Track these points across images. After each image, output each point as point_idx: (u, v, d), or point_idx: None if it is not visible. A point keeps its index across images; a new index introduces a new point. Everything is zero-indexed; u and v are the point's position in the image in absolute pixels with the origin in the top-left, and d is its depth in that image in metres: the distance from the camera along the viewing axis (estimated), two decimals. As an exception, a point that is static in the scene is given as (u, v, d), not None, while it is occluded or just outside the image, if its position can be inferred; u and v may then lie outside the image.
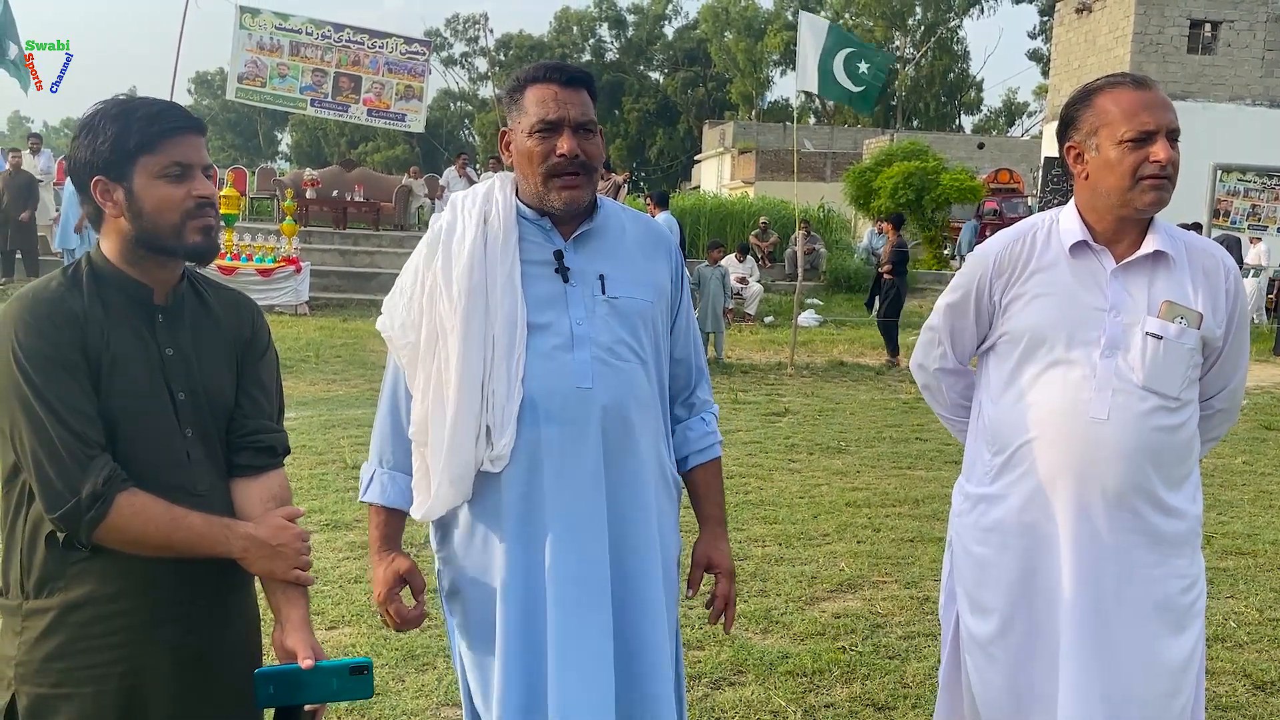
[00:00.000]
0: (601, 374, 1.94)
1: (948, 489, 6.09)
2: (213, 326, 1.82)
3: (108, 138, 1.67)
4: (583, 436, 1.92)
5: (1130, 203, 2.06)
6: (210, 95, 64.38)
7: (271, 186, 19.79)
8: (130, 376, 1.68)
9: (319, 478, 5.91)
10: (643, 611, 1.98)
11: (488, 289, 1.94)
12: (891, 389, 10.49)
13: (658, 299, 2.06)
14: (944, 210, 22.50)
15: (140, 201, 1.68)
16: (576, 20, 60.54)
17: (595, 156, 1.97)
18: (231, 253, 13.57)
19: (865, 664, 3.69)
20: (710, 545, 2.18)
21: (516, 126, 1.99)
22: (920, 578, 4.63)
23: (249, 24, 15.42)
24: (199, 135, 1.73)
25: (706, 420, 2.18)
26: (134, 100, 1.72)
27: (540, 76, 1.97)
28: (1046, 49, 43.72)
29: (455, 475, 1.92)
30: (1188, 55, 24.57)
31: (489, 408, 1.91)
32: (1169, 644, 2.10)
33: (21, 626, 1.67)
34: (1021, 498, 2.15)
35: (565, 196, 1.95)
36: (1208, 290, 2.12)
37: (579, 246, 2.01)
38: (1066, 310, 2.12)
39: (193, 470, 1.73)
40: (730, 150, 41.65)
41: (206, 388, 1.77)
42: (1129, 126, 2.03)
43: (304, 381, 9.30)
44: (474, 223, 1.99)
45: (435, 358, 1.95)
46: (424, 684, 3.43)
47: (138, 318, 1.72)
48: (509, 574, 1.94)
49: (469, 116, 63.59)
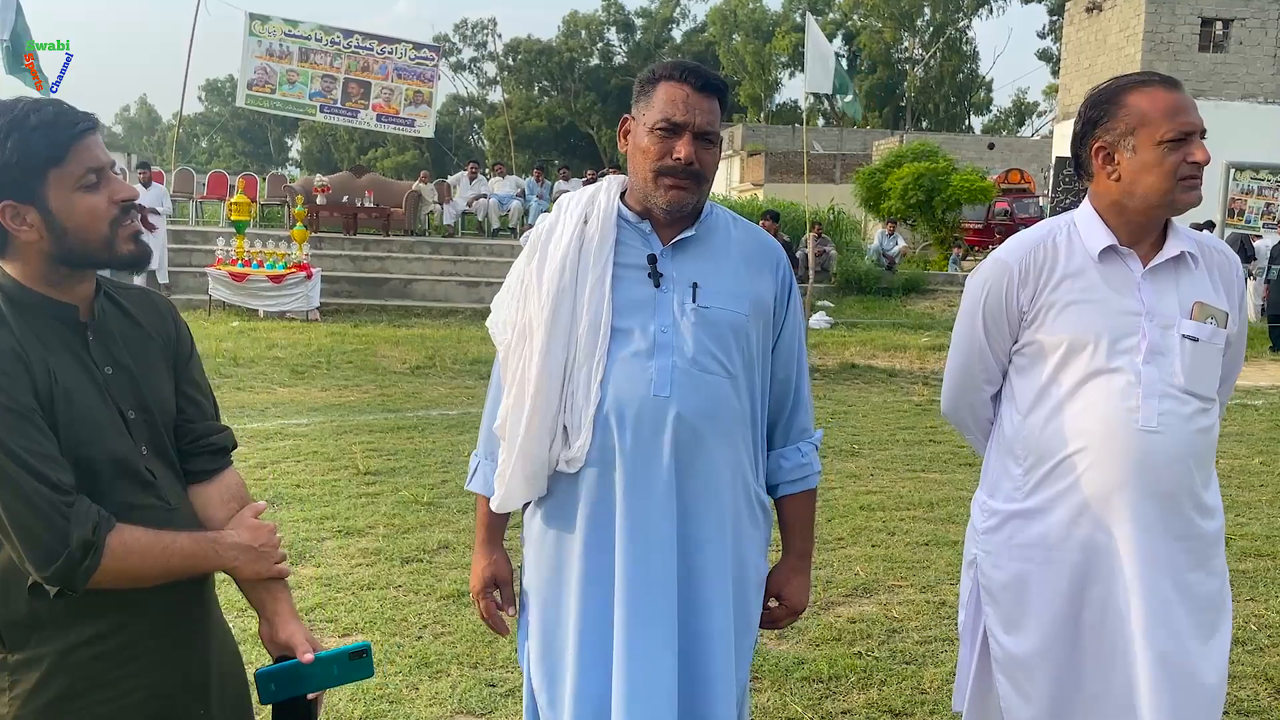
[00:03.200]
0: (681, 384, 1.90)
1: (962, 492, 6.11)
2: (140, 334, 1.71)
3: (13, 152, 1.49)
4: (655, 446, 1.89)
5: (1173, 203, 2.05)
6: (220, 102, 64.70)
7: (282, 193, 19.80)
8: (82, 405, 1.56)
9: (331, 484, 5.91)
10: (709, 634, 1.94)
11: (576, 290, 1.93)
12: (904, 391, 10.43)
13: (755, 313, 1.99)
14: (955, 211, 22.40)
15: (60, 219, 1.53)
16: (585, 24, 60.63)
17: (710, 166, 1.95)
18: (243, 259, 13.61)
19: (882, 669, 3.66)
20: (787, 576, 2.14)
21: (641, 118, 1.95)
22: (936, 582, 4.60)
23: (258, 31, 15.48)
24: (98, 133, 1.57)
25: (803, 450, 2.10)
26: (17, 107, 1.52)
27: (676, 75, 1.92)
28: (1056, 48, 43.56)
29: (529, 472, 1.94)
30: (1199, 53, 24.47)
31: (568, 408, 1.92)
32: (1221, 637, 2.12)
33: (10, 681, 1.54)
34: (1070, 511, 2.09)
35: (670, 197, 1.93)
36: (1225, 288, 2.13)
37: (676, 252, 1.98)
38: (1104, 317, 2.06)
39: (159, 487, 1.65)
40: (739, 153, 41.60)
41: (153, 400, 1.67)
42: (1170, 127, 2.00)
43: (315, 388, 9.30)
44: (573, 224, 1.98)
45: (522, 355, 1.96)
46: (437, 691, 3.41)
47: (71, 341, 1.60)
48: (583, 578, 1.94)
49: (478, 121, 63.71)
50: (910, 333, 14.46)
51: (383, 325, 13.40)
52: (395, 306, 14.88)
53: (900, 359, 12.45)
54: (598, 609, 1.93)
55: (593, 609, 1.93)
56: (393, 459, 6.51)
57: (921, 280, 18.83)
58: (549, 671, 2.00)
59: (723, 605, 1.95)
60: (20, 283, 1.57)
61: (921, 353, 12.76)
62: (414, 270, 16.35)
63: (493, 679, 3.49)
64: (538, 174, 21.11)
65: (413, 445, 6.92)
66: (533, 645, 2.04)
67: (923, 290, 18.52)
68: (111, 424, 1.60)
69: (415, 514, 5.37)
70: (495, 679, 3.48)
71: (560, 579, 1.97)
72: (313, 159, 61.08)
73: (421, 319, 14.22)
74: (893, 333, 14.41)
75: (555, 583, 1.98)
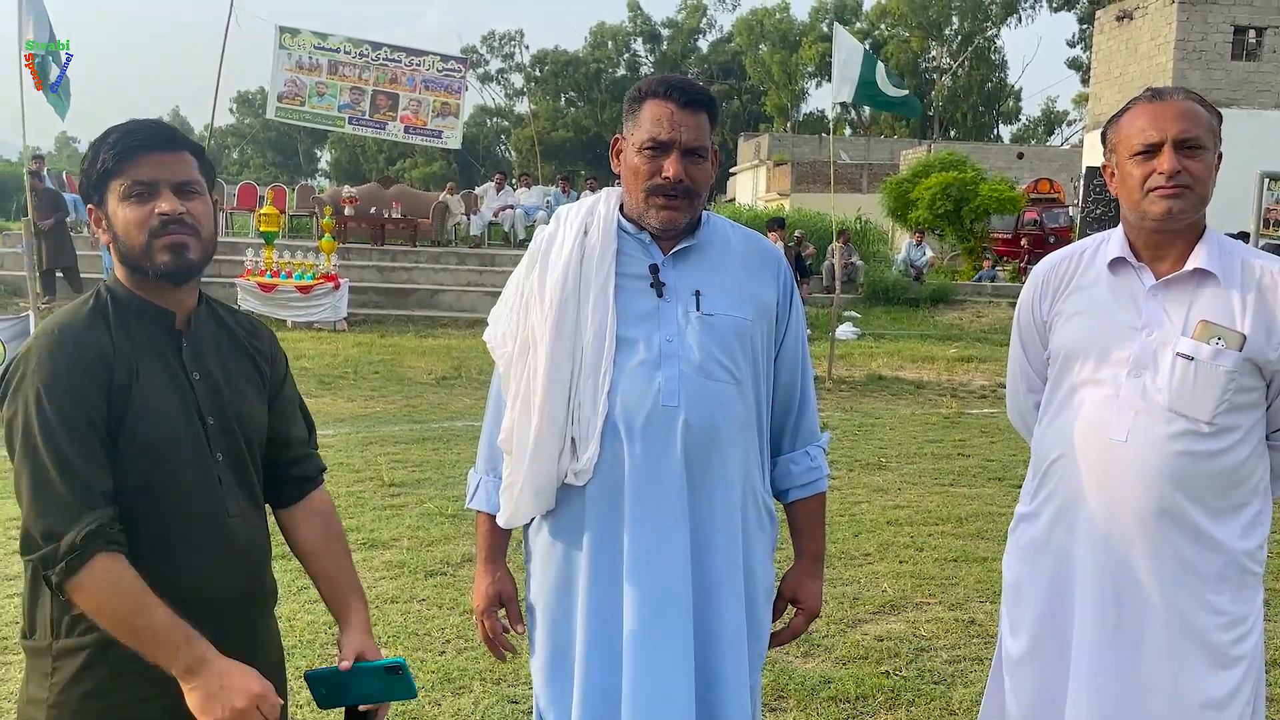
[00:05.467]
0: (689, 392, 1.89)
1: (991, 507, 6.04)
2: (236, 350, 1.82)
3: (89, 164, 1.69)
4: (665, 455, 1.88)
5: (1144, 214, 2.05)
6: (251, 114, 65.42)
7: (310, 204, 19.98)
8: (161, 406, 1.67)
9: (356, 495, 5.92)
10: (721, 641, 1.93)
11: (579, 301, 1.92)
12: (932, 403, 10.34)
13: (758, 318, 1.99)
14: (983, 221, 22.22)
15: (114, 225, 1.68)
16: (611, 35, 60.83)
17: (702, 182, 1.94)
18: (271, 270, 13.73)
19: (910, 689, 3.60)
20: (800, 580, 2.14)
21: (630, 138, 1.96)
22: (965, 599, 4.53)
23: (288, 44, 15.63)
24: (171, 152, 1.68)
25: (812, 454, 2.10)
26: (120, 124, 1.71)
27: (661, 92, 1.92)
28: (1086, 57, 43.24)
29: (539, 486, 1.92)
30: (1232, 62, 24.17)
31: (575, 420, 1.90)
32: (1202, 679, 2.01)
33: (52, 667, 1.64)
34: (1050, 516, 2.16)
35: (663, 217, 1.93)
36: (1261, 310, 2.01)
37: (678, 262, 1.98)
38: (1100, 328, 2.09)
39: (224, 495, 1.73)
40: (765, 162, 41.55)
41: (235, 412, 1.76)
42: (1137, 139, 2.04)
43: (341, 398, 9.34)
44: (573, 235, 1.97)
45: (525, 367, 1.94)
46: (460, 708, 3.39)
47: (163, 344, 1.71)
48: (589, 592, 1.92)
49: (505, 132, 64.03)
50: (938, 344, 14.35)
51: (409, 335, 13.46)
52: (422, 317, 14.95)
53: (928, 370, 12.35)
54: (606, 623, 1.91)
55: (601, 623, 1.91)
56: (418, 470, 6.52)
57: (949, 291, 18.69)
58: (557, 692, 1.98)
59: (735, 613, 1.94)
60: (126, 285, 1.72)
61: (950, 364, 12.66)
62: (440, 281, 16.42)
63: (515, 695, 3.46)
64: (563, 184, 21.17)
65: (438, 457, 6.92)
66: (541, 663, 2.01)
67: (951, 301, 18.38)
68: (187, 427, 1.69)
69: (440, 526, 5.36)
70: (518, 695, 3.45)
71: (569, 594, 1.95)
72: (341, 170, 61.61)
73: (448, 329, 14.27)
74: (920, 344, 14.30)
75: (563, 598, 1.96)
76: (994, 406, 10.05)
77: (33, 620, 1.67)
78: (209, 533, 1.70)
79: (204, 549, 1.69)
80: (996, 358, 13.15)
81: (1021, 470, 2.49)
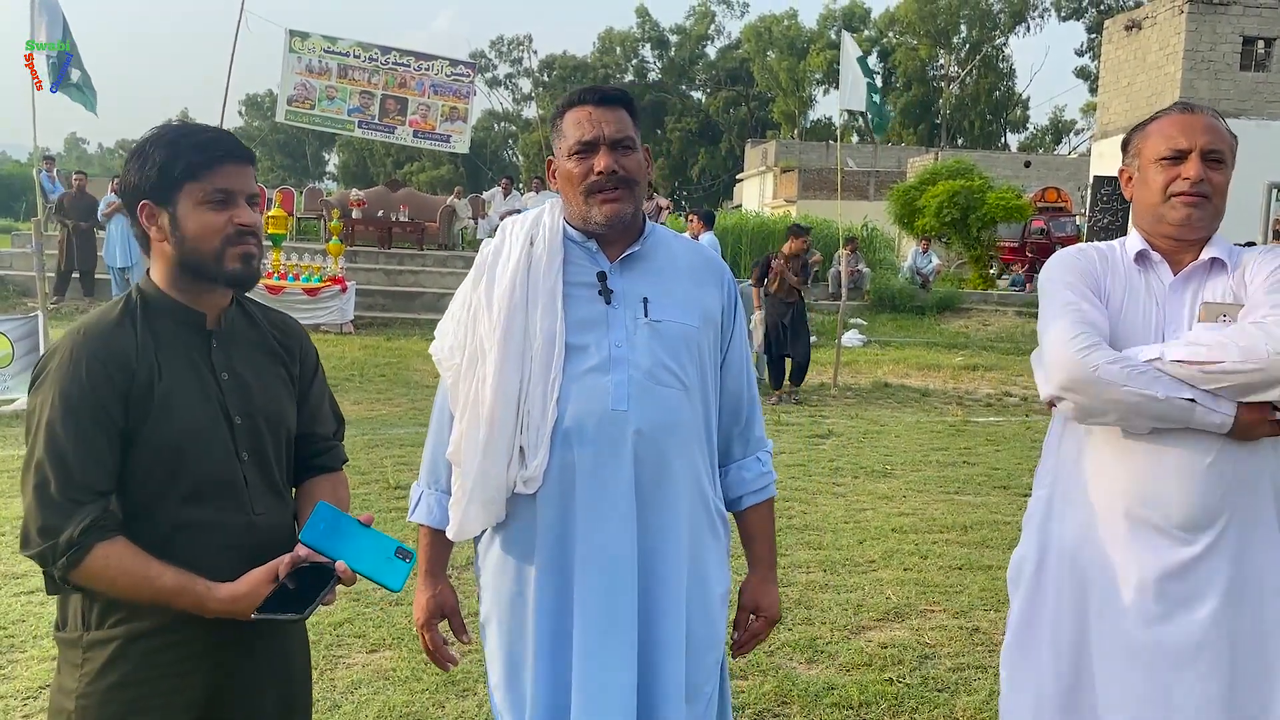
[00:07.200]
0: (638, 397, 1.90)
1: (996, 515, 6.03)
2: (266, 349, 1.85)
3: (156, 163, 1.69)
4: (615, 460, 1.89)
5: (1162, 218, 2.08)
6: (260, 116, 65.64)
7: (318, 206, 20.03)
8: (186, 405, 1.70)
9: (362, 498, 5.93)
10: (663, 650, 1.93)
11: (528, 309, 1.93)
12: (937, 411, 10.33)
13: (705, 325, 2.01)
14: (990, 229, 22.21)
15: (183, 227, 1.70)
16: (619, 41, 60.97)
17: (635, 171, 1.96)
18: (279, 272, 13.76)
19: (914, 696, 3.60)
20: (759, 589, 2.15)
21: (559, 152, 2.00)
22: (969, 607, 4.53)
23: (298, 47, 15.67)
24: (246, 164, 1.75)
25: (762, 460, 2.13)
26: (187, 127, 1.75)
27: (575, 100, 1.98)
28: (1094, 66, 43.22)
29: (487, 496, 1.92)
30: (1240, 72, 24.14)
31: (524, 428, 1.90)
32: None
33: (82, 659, 1.69)
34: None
35: (607, 210, 1.94)
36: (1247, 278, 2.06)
37: (624, 269, 1.99)
38: (1120, 324, 2.10)
39: (250, 494, 1.76)
40: (772, 169, 41.59)
41: (264, 411, 1.79)
42: (1165, 145, 2.07)
43: (348, 401, 9.36)
44: (520, 246, 1.99)
45: (474, 378, 1.95)
46: (464, 710, 3.40)
47: (191, 344, 1.75)
48: (539, 600, 1.92)
49: (513, 137, 64.16)
50: (944, 352, 14.34)
51: (415, 339, 13.48)
52: (428, 320, 14.95)
53: (934, 378, 12.34)
54: (558, 628, 1.91)
55: (552, 629, 1.91)
56: (423, 473, 6.51)
57: (956, 299, 18.68)
58: (514, 701, 1.97)
59: (675, 616, 1.94)
60: (159, 286, 1.75)
61: (955, 372, 12.64)
62: (447, 284, 16.44)
63: (519, 699, 3.46)
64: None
65: (443, 460, 6.92)
66: (498, 679, 2.01)
67: (957, 309, 18.37)
68: (212, 426, 1.72)
69: (445, 529, 5.36)
70: (522, 699, 3.46)
71: (522, 607, 1.95)
72: (349, 173, 61.76)
73: (454, 333, 14.28)
74: (926, 351, 14.29)
75: (517, 611, 1.95)
76: (1000, 415, 10.04)
77: (64, 613, 1.73)
78: (233, 531, 1.72)
79: (229, 547, 1.71)
80: (1002, 366, 13.14)
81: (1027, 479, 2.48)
